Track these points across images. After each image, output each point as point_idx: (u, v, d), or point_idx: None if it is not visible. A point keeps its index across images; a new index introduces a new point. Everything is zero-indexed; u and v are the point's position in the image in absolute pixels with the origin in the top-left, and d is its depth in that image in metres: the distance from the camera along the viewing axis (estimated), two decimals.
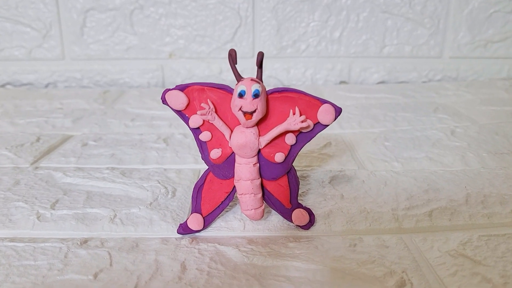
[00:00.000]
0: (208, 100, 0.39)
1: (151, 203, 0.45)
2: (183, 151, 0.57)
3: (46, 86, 0.93)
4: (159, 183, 0.49)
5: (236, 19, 0.89)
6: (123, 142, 0.60)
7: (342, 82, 0.93)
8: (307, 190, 0.48)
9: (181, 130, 0.64)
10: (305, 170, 0.52)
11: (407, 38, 0.91)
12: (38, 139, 0.62)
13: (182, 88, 0.40)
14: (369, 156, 0.56)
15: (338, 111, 0.39)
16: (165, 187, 0.48)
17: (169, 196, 0.47)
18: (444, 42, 0.92)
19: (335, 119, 0.39)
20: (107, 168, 0.52)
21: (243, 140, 0.39)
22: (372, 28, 0.90)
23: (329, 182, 0.49)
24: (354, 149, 0.58)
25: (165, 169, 0.52)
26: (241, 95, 0.37)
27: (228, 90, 0.39)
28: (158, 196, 0.46)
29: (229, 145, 0.40)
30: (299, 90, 0.40)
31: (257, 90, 0.37)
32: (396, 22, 0.90)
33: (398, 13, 0.90)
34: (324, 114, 0.39)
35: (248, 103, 0.37)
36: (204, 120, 0.40)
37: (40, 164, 0.54)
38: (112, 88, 0.90)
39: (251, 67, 0.89)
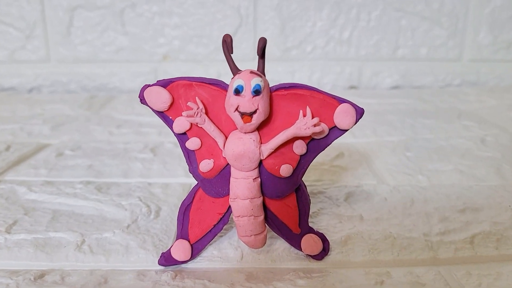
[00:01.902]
0: (197, 98, 0.31)
1: (128, 226, 0.37)
2: (173, 162, 0.49)
3: (30, 91, 0.85)
4: (141, 200, 0.41)
5: (236, 18, 0.81)
6: (104, 152, 0.52)
7: (351, 87, 0.85)
8: (318, 210, 0.39)
9: (171, 139, 0.56)
10: (315, 185, 0.44)
11: (423, 39, 0.83)
12: (8, 148, 0.54)
13: (164, 83, 0.32)
14: (389, 168, 0.48)
15: (359, 112, 0.31)
16: (147, 206, 0.40)
17: (152, 216, 0.39)
18: (463, 44, 0.84)
19: (356, 122, 0.32)
20: (81, 182, 0.44)
21: (241, 148, 0.31)
22: (384, 28, 0.83)
23: (345, 200, 0.41)
24: (370, 160, 0.50)
25: (149, 184, 0.44)
26: (237, 91, 0.29)
27: (222, 86, 0.32)
28: (138, 217, 0.38)
29: (223, 155, 0.32)
30: (311, 87, 0.32)
31: (258, 85, 0.29)
32: (411, 21, 0.83)
33: (413, 12, 0.83)
34: (342, 116, 0.31)
35: (246, 102, 0.29)
36: (191, 124, 0.32)
37: (5, 177, 0.46)
38: (101, 93, 0.82)
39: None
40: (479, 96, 0.77)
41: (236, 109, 0.30)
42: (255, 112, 0.30)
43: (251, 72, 0.30)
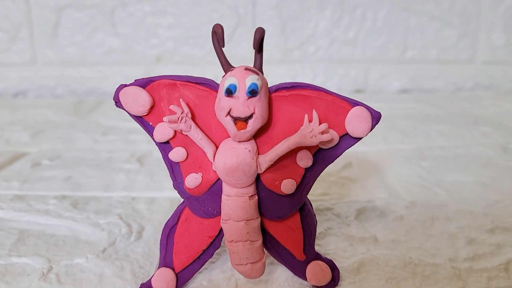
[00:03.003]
0: (181, 100, 0.26)
1: (104, 250, 0.32)
2: (160, 173, 0.44)
3: (15, 95, 0.80)
4: (121, 218, 0.36)
5: (234, 17, 0.76)
6: (86, 161, 0.47)
7: (357, 91, 0.80)
8: (325, 230, 0.34)
9: None
10: (321, 200, 0.39)
11: (433, 40, 0.78)
12: None
13: (143, 83, 0.27)
14: (403, 180, 0.43)
15: (375, 116, 0.26)
16: (128, 225, 0.35)
17: (132, 238, 0.33)
18: (476, 45, 0.79)
19: (371, 129, 0.26)
20: (55, 197, 0.39)
21: (234, 160, 0.26)
22: (392, 28, 0.78)
23: (356, 218, 0.36)
24: (382, 171, 0.45)
25: (133, 198, 0.39)
26: (230, 92, 0.24)
27: (211, 86, 0.27)
28: (116, 239, 0.33)
29: (213, 167, 0.27)
30: (318, 86, 0.27)
31: (255, 84, 0.24)
32: (419, 21, 0.78)
33: (422, 11, 0.78)
34: (355, 121, 0.26)
35: (240, 105, 0.24)
36: (175, 131, 0.27)
37: None
38: (90, 98, 0.77)
39: None
40: (495, 100, 0.71)
41: (228, 113, 0.25)
42: (250, 117, 0.25)
43: (246, 68, 0.25)
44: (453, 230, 0.34)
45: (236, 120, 0.25)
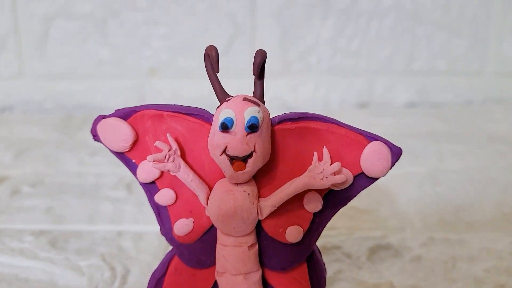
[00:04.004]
0: (169, 135, 0.22)
1: None
2: None
3: (1, 111, 0.76)
4: (104, 260, 0.32)
5: (231, 27, 0.73)
6: (70, 188, 0.43)
7: (361, 105, 0.76)
8: (334, 275, 0.30)
9: None
10: (327, 236, 0.35)
11: (441, 51, 0.75)
12: None
13: (125, 114, 0.23)
14: (417, 209, 0.39)
15: (396, 153, 0.23)
16: (112, 268, 0.31)
17: (117, 284, 0.29)
18: (486, 56, 0.75)
19: (391, 168, 0.23)
20: (32, 233, 0.35)
21: (231, 205, 0.22)
22: (398, 38, 0.74)
23: (368, 259, 0.32)
24: (393, 199, 0.41)
25: (119, 233, 0.35)
26: (225, 127, 0.21)
27: (204, 117, 0.23)
28: (98, 284, 0.29)
29: (206, 212, 0.23)
30: (329, 118, 0.23)
31: (255, 118, 0.21)
32: (427, 31, 0.74)
33: (429, 21, 0.74)
34: (372, 159, 0.22)
35: (238, 142, 0.21)
36: (162, 171, 0.23)
37: None
38: (80, 112, 0.73)
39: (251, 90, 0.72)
40: (507, 114, 0.68)
41: (224, 151, 0.21)
42: (250, 155, 0.21)
43: (245, 99, 0.21)
44: (479, 273, 0.30)
45: (233, 159, 0.21)
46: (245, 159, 0.21)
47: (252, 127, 0.21)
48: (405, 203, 0.40)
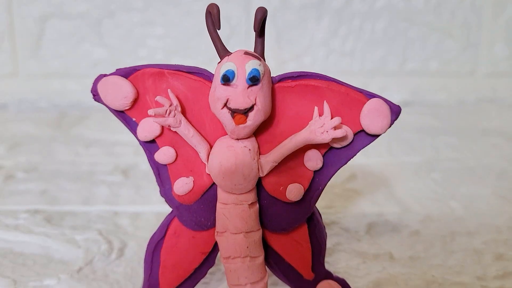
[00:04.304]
0: (170, 91, 0.22)
1: (80, 269, 0.28)
2: (148, 186, 0.40)
3: None
4: (101, 234, 0.31)
5: (226, 28, 0.73)
6: (65, 174, 0.43)
7: None
8: (333, 246, 0.30)
9: None
10: (325, 213, 0.35)
11: (433, 52, 0.75)
12: None
13: (126, 72, 0.23)
14: (414, 194, 0.39)
15: (395, 111, 0.23)
16: (109, 242, 0.31)
17: (113, 256, 0.29)
18: (477, 57, 0.76)
19: (390, 125, 0.23)
20: (27, 211, 0.35)
21: (232, 161, 0.22)
22: (391, 39, 0.75)
23: (367, 233, 0.32)
24: (390, 184, 0.41)
25: (115, 213, 0.35)
26: (227, 79, 0.21)
27: (205, 76, 0.23)
28: (94, 257, 0.29)
29: (206, 170, 0.23)
30: (329, 76, 0.23)
31: (256, 70, 0.21)
32: (419, 32, 0.75)
33: (422, 23, 0.75)
34: (372, 115, 0.22)
35: (239, 94, 0.21)
36: (163, 128, 0.23)
37: None
38: (74, 112, 0.73)
39: None
40: (500, 113, 0.68)
41: (225, 104, 0.21)
42: (251, 109, 0.21)
43: (246, 53, 0.22)
44: (478, 246, 0.30)
45: (234, 112, 0.21)
46: (246, 112, 0.21)
47: (253, 79, 0.21)
48: (402, 188, 0.40)
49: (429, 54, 0.76)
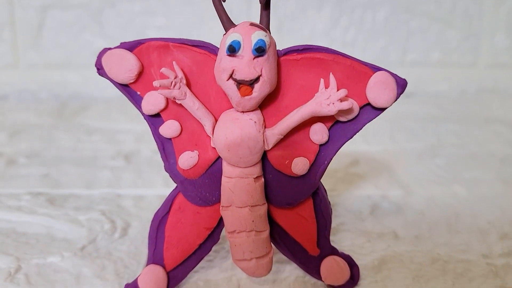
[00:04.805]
0: (175, 63, 0.22)
1: (83, 247, 0.28)
2: (150, 171, 0.40)
3: None
4: (104, 214, 0.31)
5: None
6: (67, 159, 0.42)
7: None
8: (338, 226, 0.30)
9: (151, 146, 0.46)
10: (329, 195, 0.34)
11: (434, 43, 0.75)
12: None
13: (131, 46, 0.23)
14: (417, 178, 0.39)
15: (401, 84, 0.23)
16: (112, 221, 0.30)
17: (117, 235, 0.29)
18: (479, 48, 0.76)
19: (396, 98, 0.23)
20: (29, 193, 0.34)
21: (237, 134, 0.22)
22: (392, 30, 0.75)
23: (371, 213, 0.32)
24: (392, 169, 0.41)
25: (119, 195, 0.35)
26: (233, 49, 0.21)
27: (210, 49, 0.23)
28: (97, 235, 0.29)
29: (211, 144, 0.23)
30: (334, 50, 0.23)
31: (262, 41, 0.21)
32: (421, 23, 0.75)
33: (423, 13, 0.75)
34: (378, 88, 0.22)
35: (245, 65, 0.21)
36: (168, 101, 0.23)
37: None
38: (75, 102, 0.73)
39: None
40: (502, 103, 0.68)
41: (231, 76, 0.21)
42: (257, 80, 0.21)
43: (252, 24, 0.21)
44: (483, 226, 0.30)
45: (240, 84, 0.21)
46: (252, 83, 0.21)
47: (259, 50, 0.21)
48: (405, 172, 0.40)
49: (430, 45, 0.76)
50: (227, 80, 0.21)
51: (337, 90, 0.22)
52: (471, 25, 0.76)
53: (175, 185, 0.24)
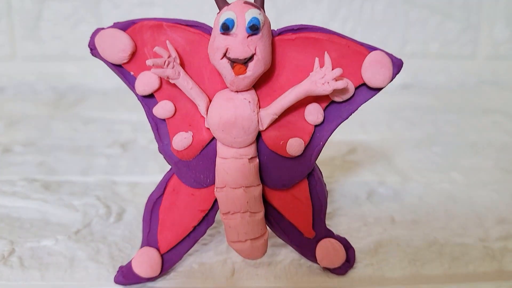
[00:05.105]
0: (168, 43, 0.22)
1: (78, 231, 0.27)
2: (146, 158, 0.40)
3: None
4: (99, 199, 0.31)
5: None
6: (63, 148, 0.42)
7: None
8: (334, 211, 0.30)
9: (148, 135, 0.46)
10: (325, 182, 0.34)
11: (434, 34, 0.75)
12: None
13: (124, 25, 0.23)
14: (414, 165, 0.39)
15: (397, 64, 0.22)
16: (107, 206, 0.30)
17: (112, 219, 0.29)
18: (478, 39, 0.76)
19: (392, 78, 0.22)
20: (24, 179, 0.34)
21: (231, 113, 0.21)
22: (391, 21, 0.75)
23: (367, 199, 0.32)
24: (389, 157, 0.41)
25: (114, 182, 0.35)
26: (226, 27, 0.20)
27: (204, 29, 0.23)
28: (92, 220, 0.29)
29: (205, 124, 0.22)
30: (330, 30, 0.23)
31: (256, 19, 0.20)
32: (419, 14, 0.74)
33: (422, 4, 0.74)
34: (374, 68, 0.22)
35: (239, 43, 0.20)
36: (161, 81, 0.22)
37: None
38: (72, 95, 0.72)
39: None
40: (501, 95, 0.68)
41: (225, 54, 0.21)
42: (251, 58, 0.21)
43: (246, 2, 0.21)
44: (480, 211, 0.30)
45: (233, 63, 0.21)
46: (246, 62, 0.21)
47: (253, 28, 0.20)
48: (402, 160, 0.40)
49: (429, 36, 0.75)
50: (221, 59, 0.21)
51: (332, 69, 0.22)
52: (470, 16, 0.75)
53: None
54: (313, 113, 0.23)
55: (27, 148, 0.42)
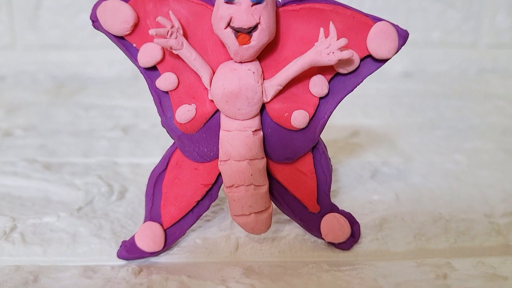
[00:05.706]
0: (171, 13, 0.22)
1: (80, 208, 0.27)
2: (148, 141, 0.39)
3: None
4: (101, 179, 0.31)
5: None
6: (64, 131, 0.42)
7: None
8: (337, 189, 0.30)
9: (150, 120, 0.46)
10: None
11: (435, 22, 0.74)
12: None
13: None
14: (417, 148, 0.38)
15: (402, 35, 0.22)
16: (109, 185, 0.30)
17: (114, 197, 0.29)
18: (480, 27, 0.75)
19: (398, 49, 0.22)
20: (25, 160, 0.34)
21: (235, 84, 0.21)
22: (392, 9, 0.74)
23: (371, 177, 0.31)
24: (392, 140, 0.41)
25: (115, 163, 0.34)
26: None
27: (208, 0, 0.22)
28: (94, 198, 0.28)
29: (209, 96, 0.22)
30: (334, 0, 0.22)
31: None
32: (421, 2, 0.74)
33: None
34: (379, 39, 0.22)
35: (243, 12, 0.20)
36: (164, 53, 0.22)
37: None
38: (73, 84, 0.72)
39: None
40: (503, 82, 0.68)
41: (228, 24, 0.20)
42: (255, 28, 0.20)
43: None
44: (484, 189, 0.30)
45: (237, 32, 0.20)
46: (250, 31, 0.20)
47: None
48: (405, 143, 0.40)
49: (431, 24, 0.75)
50: (225, 28, 0.21)
51: (338, 39, 0.21)
52: (472, 4, 0.75)
53: None
54: (318, 85, 0.22)
55: (28, 132, 0.42)
